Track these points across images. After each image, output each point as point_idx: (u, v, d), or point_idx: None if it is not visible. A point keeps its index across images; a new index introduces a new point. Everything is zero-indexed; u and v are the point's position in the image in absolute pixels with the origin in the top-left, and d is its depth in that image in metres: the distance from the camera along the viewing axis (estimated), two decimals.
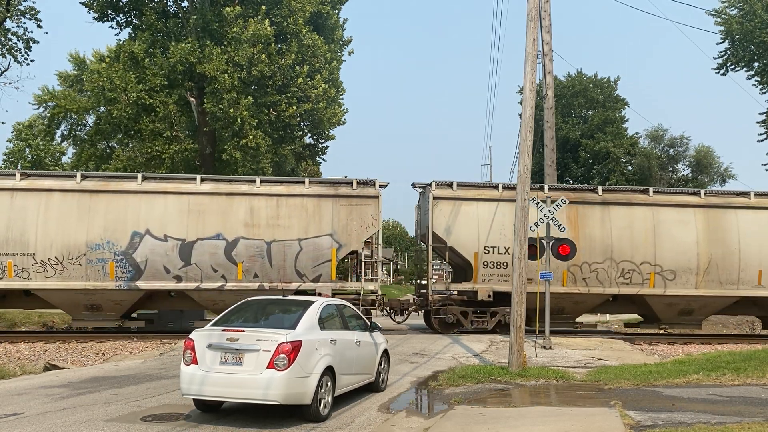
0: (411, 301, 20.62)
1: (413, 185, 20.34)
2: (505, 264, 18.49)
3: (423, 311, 20.01)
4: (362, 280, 18.71)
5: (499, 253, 18.71)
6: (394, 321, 19.79)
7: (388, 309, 19.64)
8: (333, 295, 17.64)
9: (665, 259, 18.89)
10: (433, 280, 20.44)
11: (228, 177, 19.84)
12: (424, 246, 20.24)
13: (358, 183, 18.66)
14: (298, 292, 17.64)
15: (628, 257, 18.86)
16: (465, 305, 18.99)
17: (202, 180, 18.37)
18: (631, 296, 19.21)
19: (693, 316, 19.58)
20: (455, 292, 19.43)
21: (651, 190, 19.61)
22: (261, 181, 18.53)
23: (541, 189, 19.19)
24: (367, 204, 18.38)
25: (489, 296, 18.45)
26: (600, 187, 19.52)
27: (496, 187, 19.22)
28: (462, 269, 20.03)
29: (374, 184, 18.71)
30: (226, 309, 17.71)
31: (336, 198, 18.32)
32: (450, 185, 19.08)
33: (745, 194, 19.77)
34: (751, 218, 19.27)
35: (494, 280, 18.63)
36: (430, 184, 19.19)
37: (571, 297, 18.78)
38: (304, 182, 18.71)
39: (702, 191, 19.85)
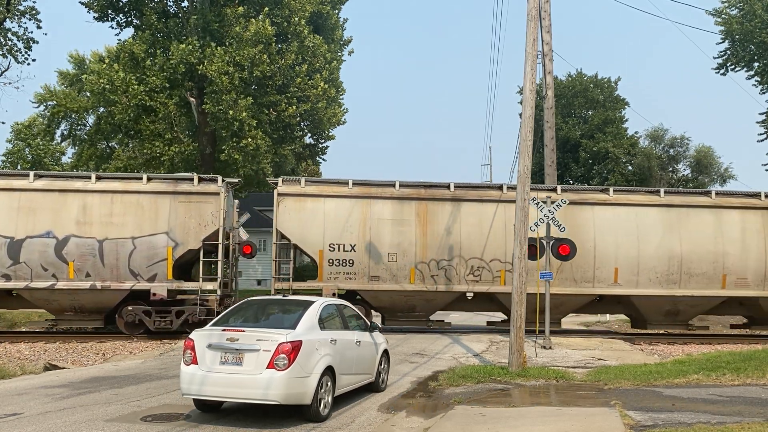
0: None
1: (269, 182, 19.66)
2: (351, 261, 18.20)
3: None
4: (200, 279, 17.91)
5: (344, 251, 18.23)
6: None
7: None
8: (168, 295, 17.37)
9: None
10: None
11: (65, 173, 19.50)
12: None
13: (200, 180, 18.12)
14: (132, 291, 17.36)
15: (478, 254, 18.43)
16: None
17: (37, 176, 17.84)
18: (484, 294, 18.71)
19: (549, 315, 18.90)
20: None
21: (505, 186, 18.97)
22: (97, 178, 17.94)
23: (393, 186, 18.79)
24: (207, 201, 17.73)
25: (333, 295, 17.81)
26: (452, 184, 18.85)
27: (346, 183, 18.70)
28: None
29: (217, 181, 18.12)
30: (60, 309, 17.13)
31: (174, 195, 17.78)
32: (298, 182, 18.65)
33: (604, 191, 19.38)
34: (608, 215, 18.83)
35: (340, 278, 18.18)
36: (299, 181, 18.71)
37: (421, 295, 18.37)
38: (142, 179, 18.11)
39: (558, 188, 19.22)
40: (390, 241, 18.29)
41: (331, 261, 18.22)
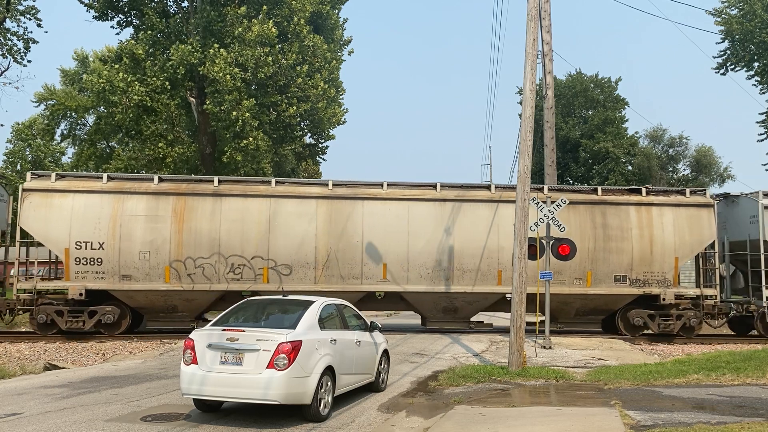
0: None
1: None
2: (99, 260, 17.20)
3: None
4: None
5: (92, 249, 17.18)
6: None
7: None
8: None
9: (280, 254, 17.72)
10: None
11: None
12: None
13: None
14: None
15: (238, 252, 17.63)
16: (66, 305, 17.45)
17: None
18: (241, 292, 17.96)
19: None
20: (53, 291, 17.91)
21: (273, 181, 18.32)
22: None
23: (151, 180, 18.15)
24: None
25: (81, 294, 17.00)
26: (216, 178, 18.22)
27: (100, 178, 17.94)
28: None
29: None
30: None
31: None
32: (49, 176, 17.85)
33: (377, 185, 18.60)
34: (379, 210, 18.20)
35: (88, 277, 17.22)
36: (49, 176, 17.89)
37: (179, 294, 17.62)
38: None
39: (330, 182, 18.56)
40: (143, 239, 17.33)
41: (78, 259, 17.18)
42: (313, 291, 17.47)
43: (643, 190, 19.20)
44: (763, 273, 18.81)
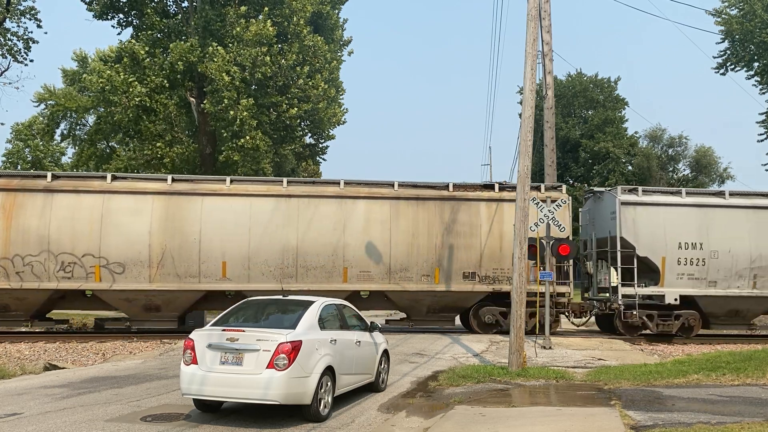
0: None
1: None
2: None
3: None
4: None
5: None
6: None
7: None
8: None
9: (111, 252, 17.27)
10: None
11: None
12: None
13: None
14: None
15: (69, 249, 17.17)
16: None
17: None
18: (77, 291, 17.85)
19: (162, 313, 17.93)
20: None
21: (109, 176, 17.78)
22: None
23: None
24: None
25: None
26: (50, 174, 17.82)
27: None
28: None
29: None
30: None
31: None
32: None
33: (220, 181, 18.33)
34: (219, 206, 17.82)
35: None
36: None
37: (8, 293, 17.16)
38: None
39: (170, 177, 18.11)
40: None
41: None
42: (148, 290, 17.31)
43: (496, 186, 18.94)
44: (618, 270, 18.67)
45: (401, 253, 18.27)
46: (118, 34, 32.87)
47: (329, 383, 8.83)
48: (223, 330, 8.54)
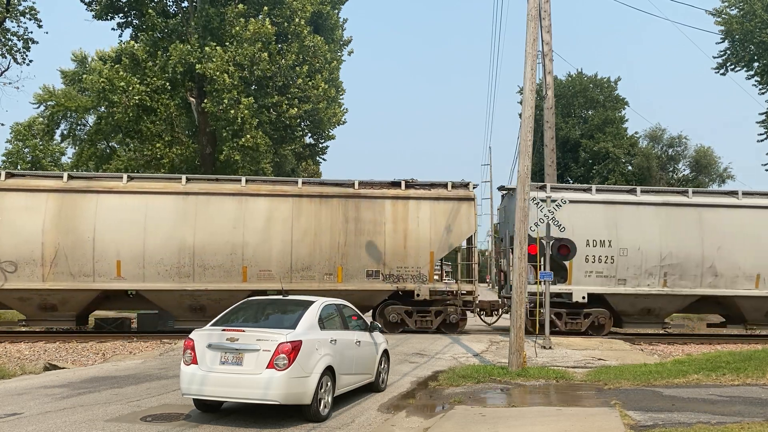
0: None
1: None
2: None
3: None
4: None
5: None
6: None
7: None
8: None
9: (3, 250, 17.13)
10: None
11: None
12: None
13: None
14: None
15: None
16: None
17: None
18: None
19: (59, 312, 17.74)
20: None
21: (3, 174, 17.60)
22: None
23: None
24: None
25: None
26: None
27: None
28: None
29: None
30: None
31: None
32: None
33: (116, 178, 18.17)
34: (115, 204, 17.57)
35: None
36: None
37: None
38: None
39: (66, 174, 17.95)
40: None
41: None
42: (41, 290, 17.17)
43: (403, 184, 18.79)
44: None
45: (303, 251, 18.03)
46: (119, 35, 32.92)
47: (329, 383, 8.83)
48: (223, 330, 8.53)
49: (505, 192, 20.32)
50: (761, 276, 18.84)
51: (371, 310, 18.79)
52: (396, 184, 18.86)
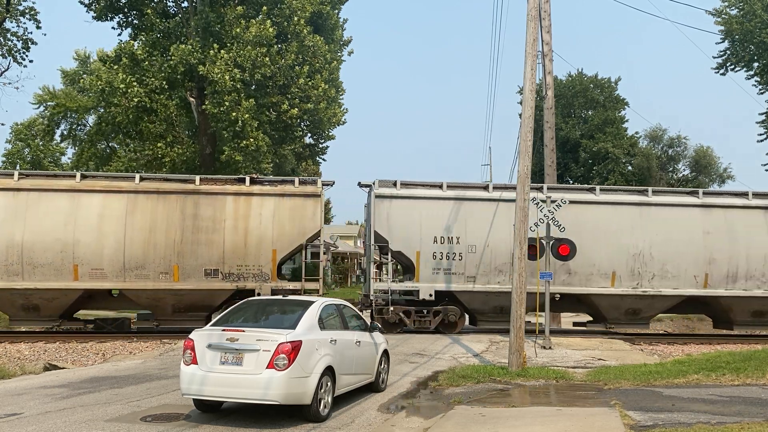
0: None
1: None
2: None
3: None
4: None
5: None
6: None
7: None
8: None
9: None
10: None
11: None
12: None
13: None
14: None
15: None
16: None
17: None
18: None
19: None
20: None
21: None
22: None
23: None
24: None
25: None
26: None
27: None
28: None
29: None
30: None
31: None
32: None
33: None
34: None
35: None
36: None
37: None
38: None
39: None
40: None
41: None
42: None
43: (247, 180, 18.45)
44: (371, 265, 18.17)
45: (137, 249, 17.64)
46: (119, 35, 32.92)
47: (329, 383, 8.83)
48: (223, 330, 8.54)
49: (367, 188, 19.64)
50: (617, 274, 18.50)
51: (210, 311, 18.26)
52: (241, 180, 18.46)
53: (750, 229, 18.95)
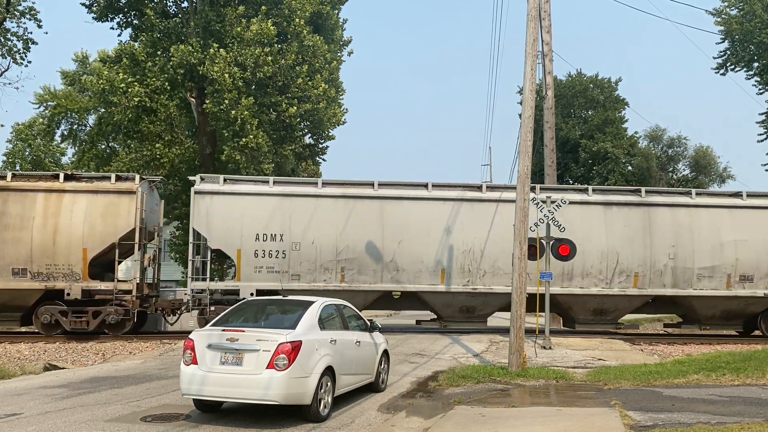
0: None
1: None
2: None
3: None
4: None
5: None
6: None
7: None
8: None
9: None
10: None
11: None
12: None
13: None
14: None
15: None
16: None
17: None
18: None
19: None
20: None
21: None
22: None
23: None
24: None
25: None
26: None
27: None
28: None
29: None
30: None
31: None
32: None
33: None
34: None
35: None
36: None
37: None
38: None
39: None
40: None
41: None
42: None
43: (61, 176, 17.90)
44: (190, 264, 17.55)
45: None
46: (119, 35, 32.90)
47: (329, 383, 8.83)
48: (223, 330, 8.54)
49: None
50: (446, 271, 18.04)
51: (23, 312, 17.64)
52: (55, 177, 18.00)
53: (588, 226, 18.24)
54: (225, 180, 18.16)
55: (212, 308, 17.18)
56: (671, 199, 19.13)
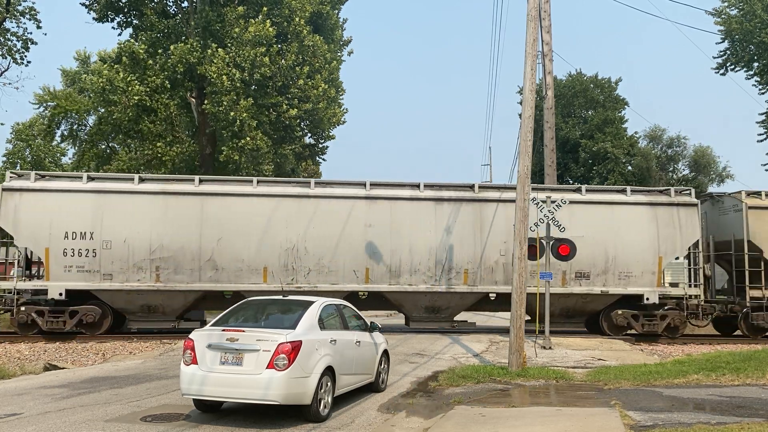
0: None
1: None
2: None
3: None
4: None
5: None
6: None
7: None
8: None
9: None
10: None
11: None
12: None
13: None
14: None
15: None
16: None
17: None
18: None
19: None
20: None
21: None
22: None
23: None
24: None
25: None
26: None
27: None
28: None
29: None
30: None
31: None
32: None
33: None
34: None
35: None
36: None
37: None
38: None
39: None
40: None
41: None
42: None
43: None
44: (6, 264, 17.05)
45: None
46: (119, 35, 32.90)
47: (329, 383, 8.83)
48: (223, 330, 8.54)
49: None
50: (269, 269, 17.58)
51: None
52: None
53: (416, 223, 18.01)
54: (37, 177, 17.53)
55: (23, 308, 16.80)
56: (506, 194, 18.26)
